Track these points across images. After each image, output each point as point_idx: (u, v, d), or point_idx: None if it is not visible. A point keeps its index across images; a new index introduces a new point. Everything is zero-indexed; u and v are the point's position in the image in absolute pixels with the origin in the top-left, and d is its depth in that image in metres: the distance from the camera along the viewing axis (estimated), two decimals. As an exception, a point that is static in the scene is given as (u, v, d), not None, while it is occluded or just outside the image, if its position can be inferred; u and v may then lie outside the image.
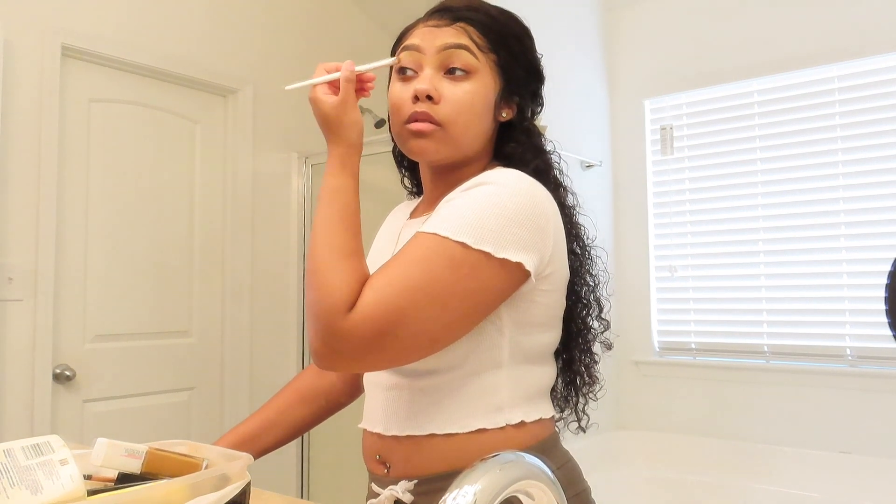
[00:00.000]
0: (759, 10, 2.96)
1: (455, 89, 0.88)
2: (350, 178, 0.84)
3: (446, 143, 0.88)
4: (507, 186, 0.81)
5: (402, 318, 0.74)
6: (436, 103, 0.87)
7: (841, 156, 2.77)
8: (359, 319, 0.74)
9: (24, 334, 2.18)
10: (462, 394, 0.85)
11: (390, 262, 0.78)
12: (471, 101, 0.88)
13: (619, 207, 3.33)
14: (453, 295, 0.77)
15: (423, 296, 0.75)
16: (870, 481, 2.56)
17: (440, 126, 0.87)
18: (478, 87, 0.89)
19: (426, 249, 0.77)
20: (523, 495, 0.45)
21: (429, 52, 0.89)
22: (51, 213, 2.26)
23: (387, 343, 0.75)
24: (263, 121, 2.92)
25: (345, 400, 1.12)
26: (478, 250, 0.77)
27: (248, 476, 0.77)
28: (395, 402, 0.88)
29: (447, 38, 0.88)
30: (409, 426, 0.87)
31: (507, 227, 0.79)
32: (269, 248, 2.92)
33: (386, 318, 0.74)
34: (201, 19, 2.72)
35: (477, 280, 0.78)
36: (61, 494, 0.68)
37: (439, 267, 0.76)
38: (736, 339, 2.99)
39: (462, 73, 0.88)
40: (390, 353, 0.76)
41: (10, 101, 2.18)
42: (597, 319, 0.98)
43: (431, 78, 0.88)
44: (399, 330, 0.74)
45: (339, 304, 0.74)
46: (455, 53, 0.88)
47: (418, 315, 0.75)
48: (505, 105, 0.93)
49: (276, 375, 2.91)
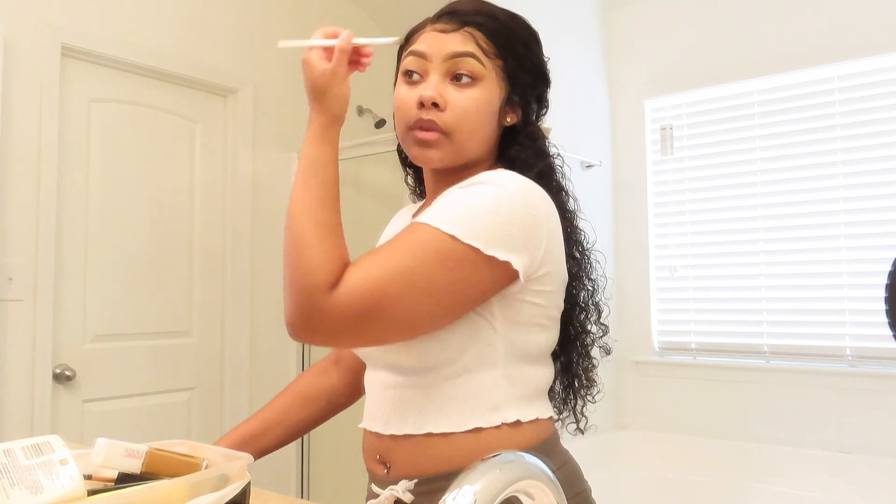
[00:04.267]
0: (759, 11, 2.96)
1: (461, 96, 0.88)
2: (330, 149, 0.84)
3: (451, 150, 0.89)
4: (503, 187, 0.82)
5: (385, 301, 0.75)
6: (441, 110, 0.88)
7: (841, 156, 2.77)
8: (342, 299, 0.74)
9: (24, 334, 2.19)
10: (458, 392, 0.85)
11: (380, 247, 0.80)
12: (476, 108, 0.88)
13: (619, 207, 3.33)
14: (437, 284, 0.78)
15: (406, 281, 0.76)
16: (870, 481, 2.56)
17: (445, 134, 0.88)
18: (483, 94, 0.89)
19: (416, 237, 0.78)
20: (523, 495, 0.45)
21: (435, 60, 0.89)
22: (51, 213, 2.26)
23: (366, 324, 0.76)
24: (263, 121, 2.92)
25: (345, 401, 1.12)
26: (466, 244, 0.78)
27: (248, 476, 0.77)
28: (393, 400, 0.88)
29: (454, 46, 0.89)
30: (406, 425, 0.87)
31: (498, 226, 0.79)
32: (269, 248, 2.92)
33: (369, 299, 0.75)
34: (201, 19, 2.72)
35: (461, 273, 0.78)
36: (61, 494, 0.68)
37: (426, 255, 0.77)
38: (736, 339, 2.99)
39: (468, 80, 0.88)
40: (369, 335, 0.78)
41: (10, 101, 2.18)
42: (595, 324, 0.99)
43: (437, 85, 0.88)
44: (380, 313, 0.75)
45: (322, 281, 0.75)
46: (461, 61, 0.88)
47: (401, 299, 0.76)
48: (510, 109, 0.94)
49: (276, 375, 2.91)
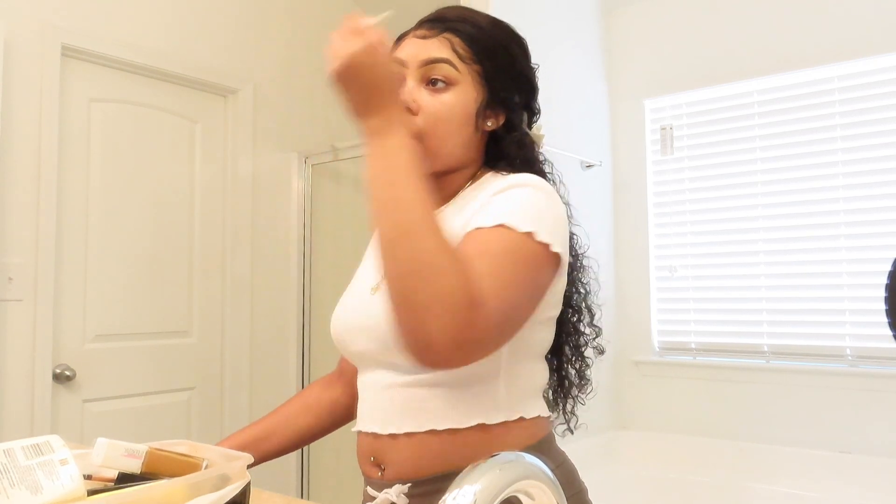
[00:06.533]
0: (759, 11, 2.95)
1: (433, 101, 0.89)
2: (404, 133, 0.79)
3: (424, 153, 0.88)
4: (543, 190, 0.85)
5: (513, 310, 0.77)
6: (414, 114, 0.88)
7: (841, 156, 2.77)
8: (490, 313, 0.72)
9: (24, 334, 2.19)
10: (462, 389, 0.85)
11: (476, 255, 0.76)
12: (449, 112, 0.89)
13: (619, 207, 3.33)
14: (533, 285, 0.80)
15: (520, 289, 0.78)
16: (870, 481, 2.56)
17: (417, 138, 0.87)
18: (458, 98, 0.90)
19: (501, 241, 0.78)
20: (523, 495, 0.45)
21: (412, 66, 0.91)
22: (51, 213, 2.26)
23: (505, 334, 0.77)
24: (263, 121, 2.92)
25: (348, 414, 1.12)
26: (540, 242, 0.80)
27: (248, 476, 0.77)
28: (394, 400, 0.88)
29: (430, 52, 0.90)
30: (407, 423, 0.86)
31: (556, 224, 0.83)
32: (269, 248, 2.92)
33: (507, 310, 0.75)
34: (201, 19, 2.72)
35: (541, 272, 0.81)
36: (61, 494, 0.68)
37: (520, 259, 0.78)
38: (736, 339, 2.99)
39: (442, 85, 0.90)
40: (502, 342, 0.79)
41: (10, 100, 2.18)
42: (588, 326, 1.00)
43: (412, 90, 0.90)
44: (513, 322, 0.77)
45: (471, 297, 0.70)
46: (436, 67, 0.90)
47: (521, 306, 0.78)
48: (490, 114, 0.94)
49: (276, 376, 2.91)
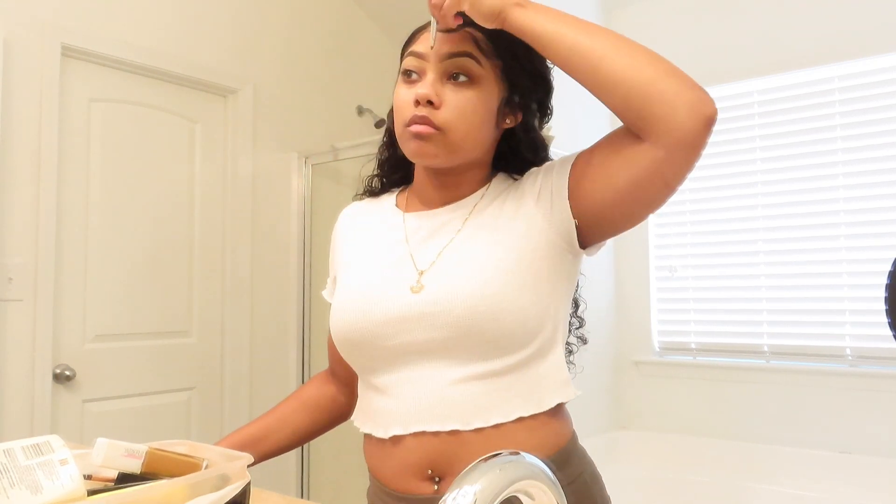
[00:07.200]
0: (760, 11, 2.95)
1: (457, 96, 0.87)
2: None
3: (445, 147, 0.88)
4: None
5: None
6: (437, 108, 0.87)
7: (841, 156, 2.77)
8: None
9: (24, 334, 2.18)
10: (538, 372, 0.88)
11: None
12: (472, 108, 0.88)
13: (619, 207, 3.33)
14: None
15: None
16: (870, 481, 2.56)
17: (440, 130, 0.87)
18: (480, 95, 0.88)
19: None
20: (523, 495, 0.45)
21: (433, 60, 0.88)
22: (51, 213, 2.26)
23: None
24: (263, 121, 2.92)
25: (346, 411, 1.11)
26: None
27: (248, 476, 0.77)
28: (477, 393, 0.85)
29: (452, 46, 0.88)
30: (495, 414, 0.84)
31: None
32: (269, 248, 2.92)
33: None
34: (201, 19, 2.72)
35: None
36: (61, 494, 0.68)
37: None
38: (736, 339, 2.99)
39: (465, 80, 0.88)
40: None
41: (10, 100, 2.18)
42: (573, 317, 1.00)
43: (433, 83, 0.87)
44: None
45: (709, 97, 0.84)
46: (458, 61, 0.88)
47: None
48: (509, 112, 0.93)
49: (275, 375, 2.91)
